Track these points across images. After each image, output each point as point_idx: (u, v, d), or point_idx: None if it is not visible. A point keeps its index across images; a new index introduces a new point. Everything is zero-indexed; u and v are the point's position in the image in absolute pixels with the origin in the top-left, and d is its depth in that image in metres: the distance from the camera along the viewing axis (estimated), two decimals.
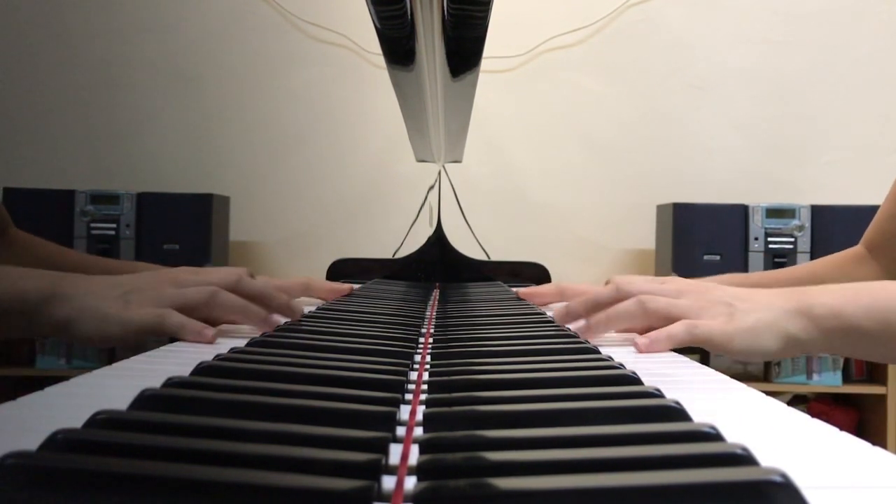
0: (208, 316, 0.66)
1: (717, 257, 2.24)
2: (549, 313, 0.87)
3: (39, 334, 0.63)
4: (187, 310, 0.64)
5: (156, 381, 0.41)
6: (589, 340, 0.65)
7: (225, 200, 2.44)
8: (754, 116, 2.60)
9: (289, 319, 0.74)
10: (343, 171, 2.62)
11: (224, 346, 0.59)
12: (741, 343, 0.61)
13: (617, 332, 0.72)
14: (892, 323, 0.61)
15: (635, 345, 0.64)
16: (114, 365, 0.55)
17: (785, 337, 0.61)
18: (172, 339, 0.63)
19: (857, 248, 1.07)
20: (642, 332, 0.67)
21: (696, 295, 0.66)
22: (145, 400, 0.38)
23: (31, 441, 0.30)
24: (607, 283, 0.75)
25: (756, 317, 0.62)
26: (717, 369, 0.59)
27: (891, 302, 0.62)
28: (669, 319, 0.64)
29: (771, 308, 0.62)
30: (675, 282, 0.70)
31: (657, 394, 0.42)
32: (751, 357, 0.62)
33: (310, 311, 0.83)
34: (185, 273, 0.70)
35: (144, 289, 0.64)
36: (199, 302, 0.65)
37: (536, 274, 1.50)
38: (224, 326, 0.73)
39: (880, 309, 0.61)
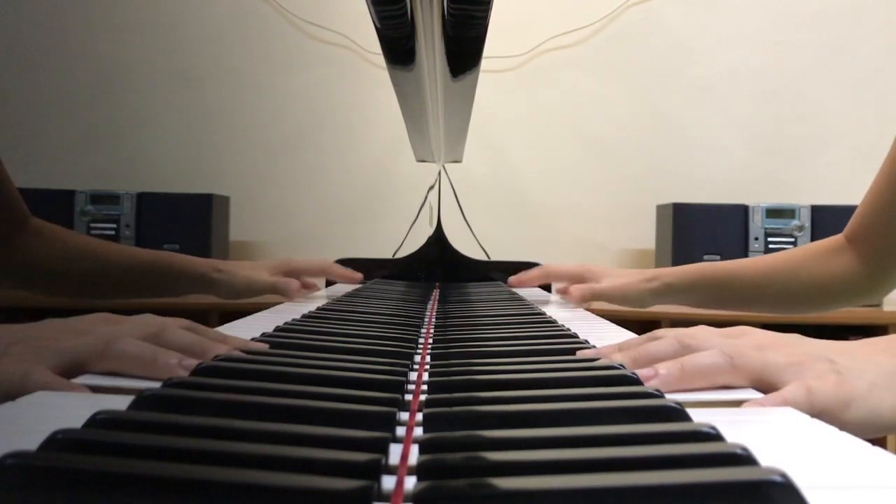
0: (108, 369, 0.52)
1: (717, 257, 2.24)
2: (549, 313, 0.87)
3: None
4: (78, 362, 0.52)
5: (155, 382, 0.41)
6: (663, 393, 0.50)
7: (225, 200, 2.44)
8: (754, 116, 2.60)
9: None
10: (343, 172, 2.62)
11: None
12: (859, 410, 0.50)
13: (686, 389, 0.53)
14: None
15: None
16: None
17: None
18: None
19: (838, 238, 1.07)
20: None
21: (783, 348, 0.54)
22: (145, 400, 0.38)
23: (31, 441, 0.30)
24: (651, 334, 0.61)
25: (868, 379, 0.51)
26: None
27: None
28: (761, 380, 0.52)
29: (879, 365, 0.52)
30: (746, 331, 0.59)
31: (657, 394, 0.42)
32: (867, 430, 0.50)
33: (309, 312, 0.83)
34: (99, 322, 0.58)
35: (34, 340, 0.53)
36: (90, 354, 0.52)
37: None
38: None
39: None
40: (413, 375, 0.52)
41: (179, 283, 1.14)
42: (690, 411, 0.39)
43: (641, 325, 1.70)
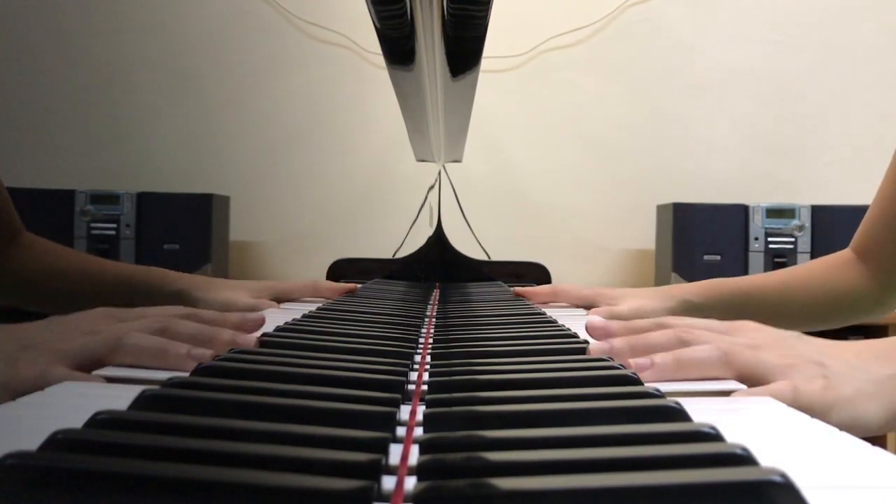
0: (121, 363, 0.55)
1: (718, 257, 2.24)
2: (549, 313, 0.87)
3: None
4: (90, 360, 0.54)
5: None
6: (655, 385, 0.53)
7: (225, 200, 2.44)
8: (754, 116, 2.60)
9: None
10: (343, 171, 2.62)
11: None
12: (841, 415, 0.52)
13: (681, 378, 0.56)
14: None
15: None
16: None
17: (892, 408, 0.53)
18: None
19: (846, 252, 1.06)
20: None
21: (777, 349, 0.56)
22: (145, 400, 0.38)
23: (31, 441, 0.30)
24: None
25: (856, 385, 0.53)
26: None
27: None
28: (751, 376, 0.54)
29: (869, 373, 0.54)
30: (745, 329, 0.60)
31: (657, 394, 0.42)
32: (850, 431, 0.51)
33: (310, 311, 0.83)
34: (102, 319, 0.60)
35: (46, 341, 0.55)
36: (102, 352, 0.54)
37: (537, 274, 1.50)
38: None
39: None
40: (413, 375, 0.52)
41: (157, 301, 1.11)
42: (682, 401, 0.39)
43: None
